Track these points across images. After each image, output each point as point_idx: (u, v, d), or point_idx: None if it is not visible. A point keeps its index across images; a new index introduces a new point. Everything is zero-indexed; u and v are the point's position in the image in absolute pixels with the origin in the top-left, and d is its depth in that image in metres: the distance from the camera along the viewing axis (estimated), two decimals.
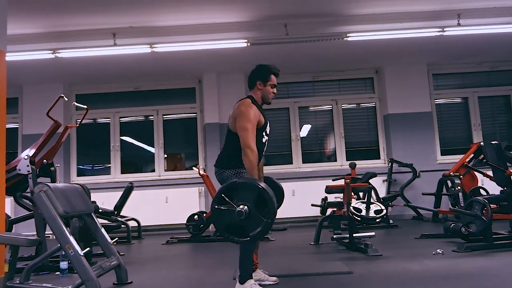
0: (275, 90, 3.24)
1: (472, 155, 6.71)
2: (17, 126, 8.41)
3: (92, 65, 7.42)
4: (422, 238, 5.27)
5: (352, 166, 7.31)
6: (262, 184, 2.56)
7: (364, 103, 8.74)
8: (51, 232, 2.61)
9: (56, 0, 5.57)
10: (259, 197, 2.52)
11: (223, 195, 2.54)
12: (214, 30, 6.46)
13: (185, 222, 6.38)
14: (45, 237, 4.38)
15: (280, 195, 3.37)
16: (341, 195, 5.43)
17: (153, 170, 8.50)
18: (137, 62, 7.36)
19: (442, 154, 8.36)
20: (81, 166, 8.61)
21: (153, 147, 8.58)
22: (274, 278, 3.26)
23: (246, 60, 7.71)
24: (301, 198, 7.61)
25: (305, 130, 8.68)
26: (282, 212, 8.21)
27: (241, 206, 2.49)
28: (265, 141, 3.16)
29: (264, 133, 3.13)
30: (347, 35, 6.55)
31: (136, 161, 8.84)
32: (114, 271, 3.29)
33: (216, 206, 2.53)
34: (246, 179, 2.73)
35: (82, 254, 2.60)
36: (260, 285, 2.95)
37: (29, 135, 7.91)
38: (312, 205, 6.26)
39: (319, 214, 5.97)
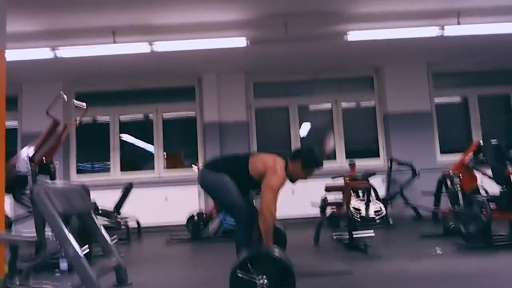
0: (307, 177, 3.25)
1: (472, 154, 6.70)
2: (16, 124, 8.39)
3: (92, 64, 7.41)
4: (422, 238, 5.27)
5: (352, 165, 7.30)
6: (287, 260, 2.49)
7: (364, 102, 8.73)
8: (51, 231, 2.61)
9: None
10: (282, 271, 2.47)
11: (248, 263, 2.48)
12: (214, 29, 6.45)
13: (184, 221, 6.37)
14: (45, 236, 4.37)
15: (284, 241, 3.66)
16: (340, 194, 5.43)
17: (153, 169, 8.49)
18: (137, 60, 7.35)
19: (441, 153, 8.36)
20: (80, 165, 8.60)
21: (153, 146, 8.58)
22: None
23: (245, 59, 7.72)
24: (301, 197, 7.59)
25: (305, 129, 8.67)
26: (282, 211, 8.19)
27: (262, 281, 2.44)
28: (257, 193, 3.21)
29: None
30: (347, 34, 6.54)
31: (135, 160, 8.83)
32: (114, 272, 3.28)
33: (239, 274, 2.48)
34: (273, 251, 2.61)
35: (82, 254, 2.59)
36: None
37: (28, 133, 7.89)
38: (312, 204, 6.25)
39: (319, 214, 5.97)
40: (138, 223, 7.05)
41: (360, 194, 6.58)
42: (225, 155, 3.28)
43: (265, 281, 2.42)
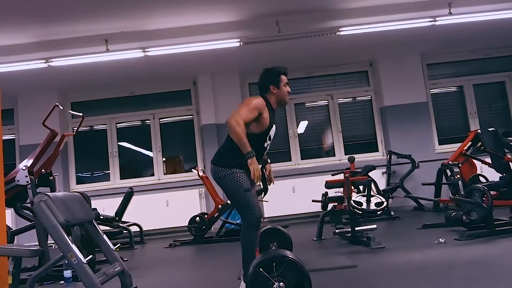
0: (288, 88, 3.20)
1: (470, 143, 6.72)
2: (14, 137, 8.39)
3: (86, 72, 7.40)
4: (424, 228, 5.28)
5: (351, 160, 7.30)
6: (308, 274, 2.48)
7: (360, 96, 8.75)
8: (53, 241, 2.61)
9: (46, 9, 5.55)
10: (301, 283, 2.45)
11: (273, 264, 2.45)
12: (206, 31, 6.46)
13: (186, 224, 6.38)
14: (47, 246, 4.37)
15: (290, 245, 3.66)
16: (341, 189, 5.43)
17: (153, 174, 8.49)
18: (131, 67, 7.35)
19: (440, 144, 8.38)
20: (80, 174, 8.59)
21: (151, 151, 8.58)
22: None
23: (239, 60, 7.72)
24: (302, 195, 7.61)
25: (302, 126, 8.68)
26: (284, 209, 8.23)
27: (279, 284, 2.43)
28: (267, 146, 3.13)
29: (268, 138, 3.10)
30: (339, 29, 6.55)
31: (135, 166, 8.83)
32: (118, 277, 3.29)
33: (261, 269, 2.48)
34: (299, 260, 2.53)
35: (85, 261, 2.59)
36: None
37: (26, 145, 7.88)
38: (313, 200, 6.26)
39: (320, 210, 5.98)
40: (140, 228, 7.05)
41: (361, 189, 6.60)
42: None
43: (281, 283, 2.42)
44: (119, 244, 5.57)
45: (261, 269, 2.43)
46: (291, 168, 8.30)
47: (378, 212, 4.84)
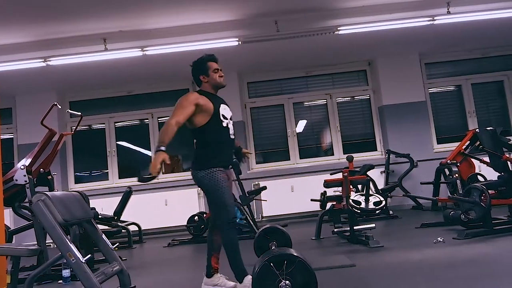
0: (220, 73, 3.21)
1: (468, 142, 6.72)
2: (12, 136, 8.37)
3: (84, 72, 7.39)
4: (423, 227, 5.29)
5: (350, 159, 7.27)
6: (314, 274, 2.47)
7: (358, 95, 8.75)
8: (52, 240, 2.61)
9: (44, 8, 5.54)
10: (306, 281, 2.45)
11: (285, 261, 2.46)
12: (205, 30, 6.45)
13: (185, 223, 6.37)
14: (46, 246, 4.37)
15: (289, 243, 3.70)
16: (339, 188, 5.44)
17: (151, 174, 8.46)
18: (129, 66, 7.33)
19: (438, 143, 8.39)
20: (78, 173, 8.58)
21: (150, 151, 8.57)
22: (233, 284, 3.13)
23: (238, 59, 7.71)
24: (300, 194, 7.62)
25: (301, 125, 8.68)
26: (282, 209, 8.23)
27: (285, 282, 2.44)
28: (227, 125, 3.12)
29: (221, 117, 3.09)
30: (338, 28, 6.55)
31: (133, 165, 8.81)
32: (117, 277, 3.28)
33: (271, 264, 2.48)
34: (306, 261, 2.53)
35: (84, 261, 2.59)
36: None
37: (24, 144, 7.87)
38: (312, 200, 6.26)
39: (319, 209, 5.98)
40: (139, 227, 7.05)
41: (359, 188, 6.61)
42: None
43: (287, 282, 2.42)
44: (117, 244, 5.59)
45: (271, 264, 2.44)
46: (290, 167, 8.30)
47: (377, 211, 4.86)
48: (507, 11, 6.55)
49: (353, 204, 4.74)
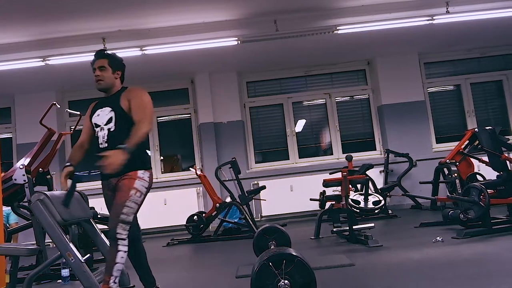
0: (96, 73, 3.12)
1: (467, 141, 6.73)
2: (11, 135, 8.37)
3: (83, 71, 7.29)
4: (422, 227, 5.29)
5: (349, 159, 7.30)
6: (314, 274, 2.46)
7: (358, 95, 8.75)
8: (51, 240, 2.60)
9: (43, 8, 5.54)
10: (306, 281, 2.46)
11: (284, 261, 2.44)
12: (204, 29, 6.45)
13: (184, 223, 6.37)
14: (45, 245, 4.36)
15: (287, 243, 3.69)
16: (339, 188, 5.44)
17: None
18: (128, 65, 7.18)
19: (437, 142, 8.39)
20: (77, 173, 8.54)
21: (149, 150, 8.56)
22: None
23: (237, 58, 7.71)
24: (299, 193, 7.63)
25: (300, 125, 8.69)
26: (282, 208, 8.23)
27: (285, 281, 2.42)
28: (96, 133, 3.09)
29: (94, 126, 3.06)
30: (337, 28, 6.56)
31: None
32: None
33: (270, 264, 2.47)
34: (305, 260, 2.51)
35: (83, 260, 2.59)
36: None
37: (23, 144, 7.86)
38: (311, 199, 6.27)
39: (318, 208, 5.99)
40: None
41: (359, 187, 6.61)
42: None
43: (286, 281, 2.42)
44: None
45: (270, 264, 2.44)
46: (289, 167, 8.30)
47: (376, 211, 4.84)
48: (506, 11, 6.56)
49: (352, 203, 4.73)
